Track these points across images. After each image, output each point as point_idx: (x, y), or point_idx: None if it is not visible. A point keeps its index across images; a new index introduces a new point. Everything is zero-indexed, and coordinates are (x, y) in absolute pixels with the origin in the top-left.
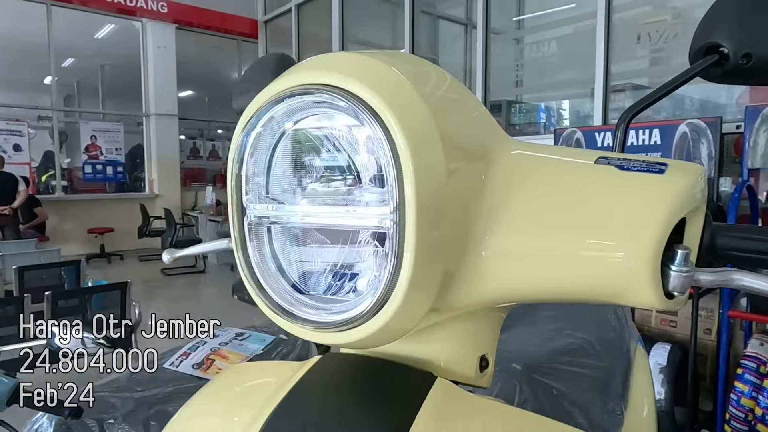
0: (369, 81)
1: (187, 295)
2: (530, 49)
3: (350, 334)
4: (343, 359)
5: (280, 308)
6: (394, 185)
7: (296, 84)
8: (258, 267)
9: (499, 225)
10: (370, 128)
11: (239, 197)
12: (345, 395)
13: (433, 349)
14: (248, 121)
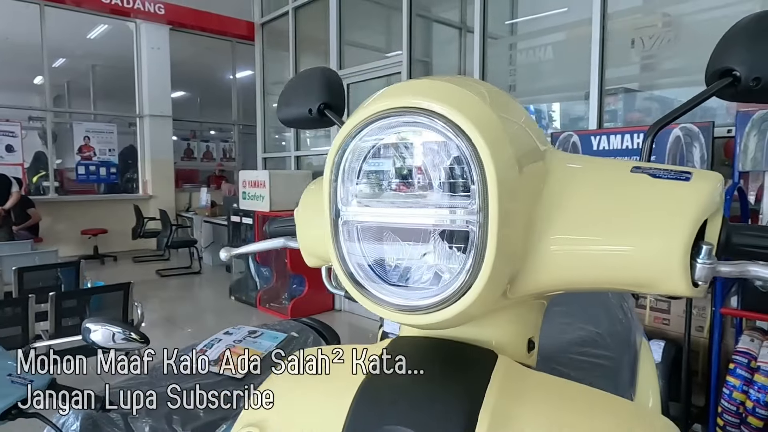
0: (454, 103)
1: (182, 296)
2: (523, 54)
3: (432, 316)
4: (415, 340)
5: (369, 293)
6: (477, 192)
7: (393, 106)
8: (349, 259)
9: (555, 225)
10: (458, 144)
11: (334, 201)
12: (422, 371)
13: (490, 332)
14: (345, 137)
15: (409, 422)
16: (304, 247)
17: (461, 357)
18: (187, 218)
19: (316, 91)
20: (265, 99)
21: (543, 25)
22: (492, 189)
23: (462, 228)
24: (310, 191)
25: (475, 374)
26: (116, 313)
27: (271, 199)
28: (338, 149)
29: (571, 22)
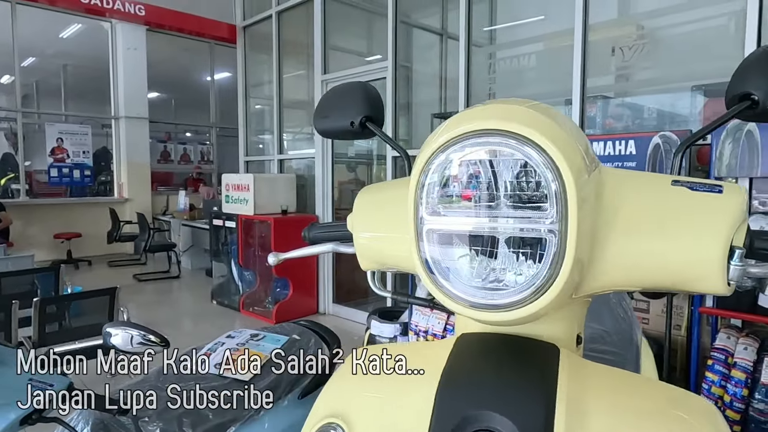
0: (533, 124)
1: (161, 300)
2: (502, 62)
3: (509, 314)
4: (483, 336)
5: (448, 292)
6: (556, 203)
7: (476, 129)
8: (432, 262)
9: (614, 231)
10: (538, 160)
11: (419, 210)
12: (497, 364)
13: (547, 328)
14: (432, 155)
15: (494, 407)
16: (361, 252)
17: (529, 351)
18: (165, 222)
19: (358, 105)
20: (247, 102)
21: (522, 34)
22: (571, 200)
23: (538, 236)
24: (365, 199)
25: (544, 366)
26: (101, 319)
27: (255, 203)
28: (425, 164)
29: (549, 32)
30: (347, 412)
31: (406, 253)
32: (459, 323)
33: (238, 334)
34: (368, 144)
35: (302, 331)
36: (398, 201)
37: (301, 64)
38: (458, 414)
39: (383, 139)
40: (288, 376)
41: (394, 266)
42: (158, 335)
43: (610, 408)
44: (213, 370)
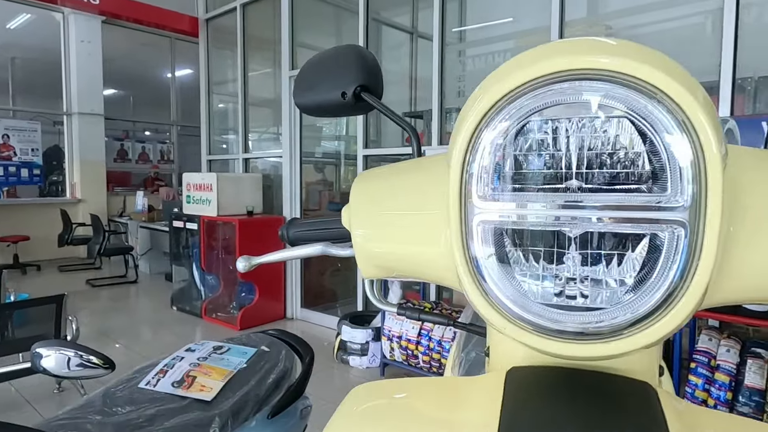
0: (663, 67)
1: (117, 307)
2: (471, 61)
3: (606, 346)
4: (547, 373)
5: (511, 312)
6: (690, 183)
7: (562, 69)
8: (486, 271)
9: (744, 225)
10: (667, 124)
11: (466, 195)
12: (581, 410)
13: (628, 358)
14: (487, 112)
15: None
16: (363, 255)
17: (620, 392)
18: (122, 224)
19: (352, 72)
20: (209, 99)
21: (492, 33)
22: (714, 180)
23: (646, 231)
24: (366, 186)
25: (648, 413)
26: (46, 330)
27: (219, 203)
28: (473, 130)
29: (519, 30)
30: None
31: (429, 257)
32: (498, 352)
33: (199, 347)
34: (336, 143)
35: (271, 342)
36: (415, 187)
37: (267, 61)
38: None
39: (383, 112)
40: (256, 394)
41: (406, 274)
42: (101, 356)
43: None
44: (170, 390)
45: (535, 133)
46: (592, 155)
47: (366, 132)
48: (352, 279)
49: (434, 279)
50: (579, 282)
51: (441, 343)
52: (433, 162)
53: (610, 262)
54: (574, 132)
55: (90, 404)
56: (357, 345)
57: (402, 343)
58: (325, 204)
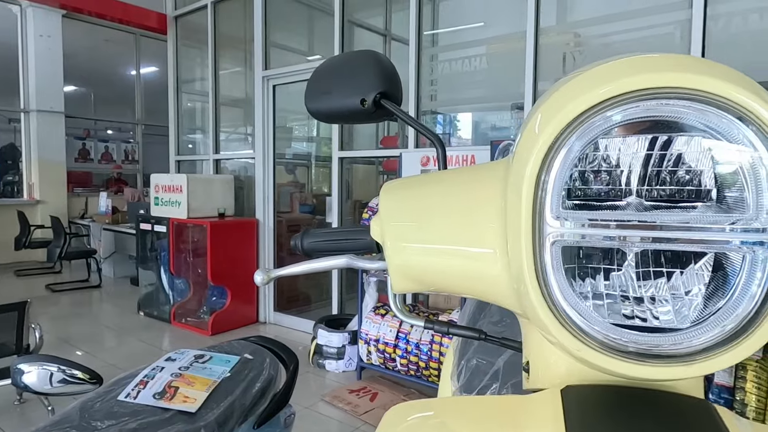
0: (747, 86)
1: (79, 313)
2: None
3: (683, 368)
4: (606, 392)
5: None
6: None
7: (651, 86)
8: (556, 288)
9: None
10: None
11: (539, 212)
12: (643, 426)
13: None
14: (567, 125)
15: None
16: (398, 269)
17: (684, 412)
18: (84, 226)
19: (371, 78)
20: (178, 98)
21: (465, 38)
22: None
23: (719, 249)
24: (399, 196)
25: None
26: (7, 339)
27: (189, 205)
28: (554, 140)
29: (491, 36)
30: None
31: (481, 272)
32: (541, 368)
33: (179, 356)
34: (307, 145)
35: (255, 350)
36: (460, 200)
37: (239, 60)
38: None
39: (405, 119)
40: (241, 404)
41: (446, 288)
42: (87, 370)
43: None
44: (151, 402)
45: (606, 151)
46: (653, 172)
47: (341, 134)
48: (326, 283)
49: (480, 294)
50: (648, 302)
51: (419, 347)
52: (473, 173)
53: (669, 280)
54: (642, 149)
55: (67, 419)
56: (333, 349)
57: (379, 347)
58: (297, 206)
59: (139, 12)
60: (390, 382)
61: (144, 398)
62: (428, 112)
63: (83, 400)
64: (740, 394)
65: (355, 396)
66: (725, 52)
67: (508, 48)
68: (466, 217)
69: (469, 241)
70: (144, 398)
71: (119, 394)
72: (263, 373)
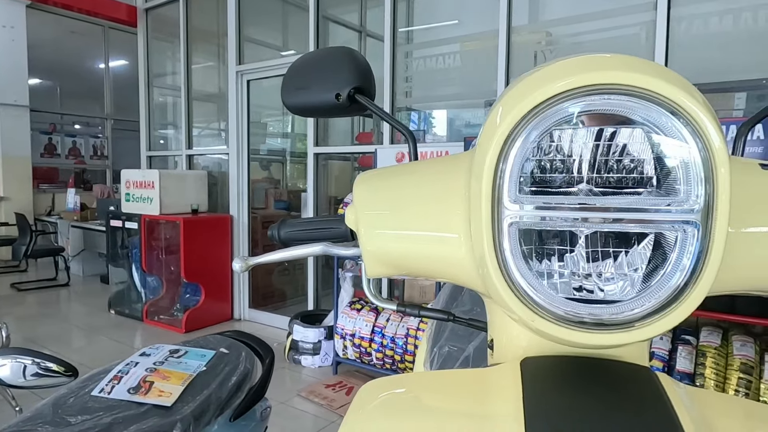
0: (678, 84)
1: (47, 312)
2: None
3: (625, 335)
4: (561, 362)
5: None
6: (698, 185)
7: (592, 83)
8: (516, 269)
9: (736, 224)
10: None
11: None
12: (598, 398)
13: (628, 347)
14: (520, 120)
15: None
16: (372, 255)
17: (628, 378)
18: (51, 223)
19: (345, 74)
20: (149, 92)
21: (439, 35)
22: (723, 182)
23: (659, 229)
24: (371, 186)
25: (656, 397)
26: None
27: (162, 202)
28: (511, 131)
29: (465, 34)
30: None
31: (447, 255)
32: (504, 344)
33: (154, 351)
34: (281, 141)
35: (231, 344)
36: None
37: (212, 55)
38: None
39: (379, 114)
40: (217, 397)
41: (417, 272)
42: (61, 362)
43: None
44: (126, 396)
45: (556, 142)
46: (602, 161)
47: (316, 130)
48: (302, 279)
49: (449, 277)
50: (595, 277)
51: (394, 340)
52: (441, 163)
53: (617, 259)
54: (590, 140)
55: (39, 415)
56: (309, 344)
57: (355, 341)
58: (272, 203)
59: (108, 3)
60: (366, 376)
61: (118, 393)
62: (403, 109)
63: (56, 395)
64: (700, 379)
65: (331, 390)
66: (687, 52)
67: (482, 46)
68: (434, 205)
69: (437, 227)
70: (118, 393)
71: (93, 390)
72: (239, 366)
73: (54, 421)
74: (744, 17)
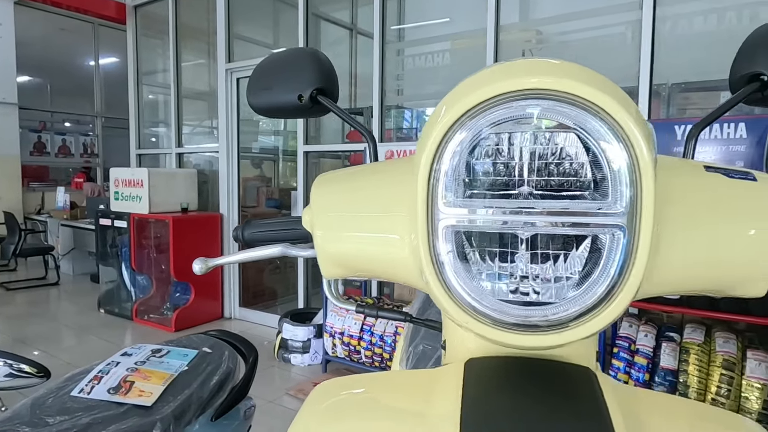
0: (604, 88)
1: (36, 312)
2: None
3: (557, 336)
4: (502, 363)
5: (471, 308)
6: (625, 188)
7: (517, 89)
8: (451, 270)
9: (668, 226)
10: (609, 137)
11: (433, 201)
12: (535, 397)
13: (573, 347)
14: (452, 125)
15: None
16: (325, 256)
17: (566, 378)
18: (40, 222)
19: (308, 75)
20: (138, 89)
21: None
22: (648, 186)
23: (590, 232)
24: (326, 190)
25: (590, 395)
26: None
27: (151, 200)
28: (440, 140)
29: (456, 32)
30: None
31: (392, 257)
32: (455, 345)
33: (136, 351)
34: (274, 139)
35: (214, 343)
36: (377, 191)
37: (202, 52)
38: None
39: (340, 115)
40: (199, 396)
41: (368, 273)
42: (34, 364)
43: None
44: (106, 397)
45: (493, 144)
46: (542, 164)
47: (306, 128)
48: (292, 277)
49: (396, 278)
50: (531, 279)
51: (383, 338)
52: (393, 166)
53: (557, 261)
54: (527, 143)
55: (17, 416)
56: (298, 343)
57: (344, 339)
58: (263, 201)
59: (96, 0)
60: (355, 374)
61: (98, 393)
62: (394, 107)
63: (35, 396)
64: (683, 376)
65: None
66: (672, 50)
67: (472, 44)
68: (382, 207)
69: (383, 229)
70: (98, 393)
71: (72, 390)
72: (221, 366)
73: (32, 422)
74: (728, 17)
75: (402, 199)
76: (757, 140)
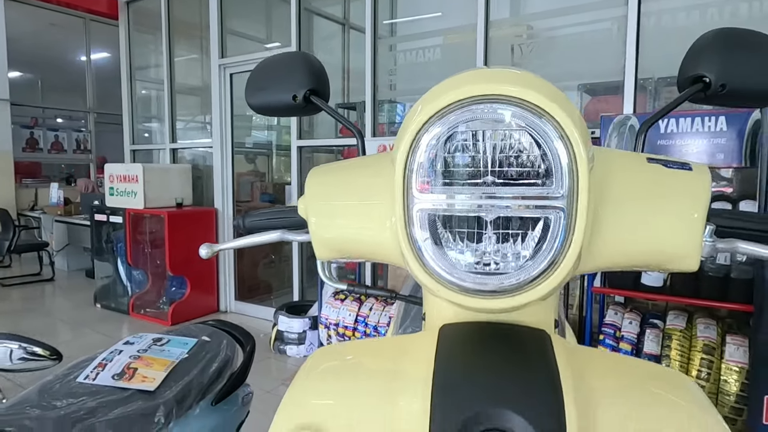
0: (545, 92)
1: (32, 307)
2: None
3: (512, 299)
4: (470, 327)
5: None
6: (567, 178)
7: (476, 94)
8: (423, 247)
9: (605, 210)
10: (550, 134)
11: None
12: (495, 356)
13: (532, 314)
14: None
15: (502, 403)
16: (319, 240)
17: (523, 339)
18: (34, 218)
19: (301, 77)
20: (131, 85)
21: (422, 28)
22: (583, 176)
23: (539, 215)
24: (319, 180)
25: (542, 354)
26: None
27: (146, 195)
28: (414, 135)
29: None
30: (322, 424)
31: (376, 239)
32: (432, 315)
33: (138, 340)
34: (267, 134)
35: (212, 332)
36: (363, 181)
37: (194, 48)
38: (461, 414)
39: (332, 114)
40: (199, 382)
41: (356, 255)
42: (47, 347)
43: (616, 391)
44: (110, 382)
45: (461, 140)
46: (503, 158)
47: (300, 123)
48: (287, 270)
49: (380, 258)
50: (494, 255)
51: (377, 329)
52: (377, 159)
53: (517, 240)
54: (490, 139)
55: (27, 400)
56: (294, 334)
57: (339, 330)
58: (258, 195)
59: None
60: None
61: (103, 379)
62: (386, 102)
63: (42, 382)
64: (666, 360)
65: None
66: (657, 45)
67: (464, 39)
68: (365, 195)
69: (368, 215)
70: (103, 379)
71: (78, 376)
72: (220, 353)
73: (41, 405)
74: (710, 12)
75: (383, 188)
76: (736, 133)
